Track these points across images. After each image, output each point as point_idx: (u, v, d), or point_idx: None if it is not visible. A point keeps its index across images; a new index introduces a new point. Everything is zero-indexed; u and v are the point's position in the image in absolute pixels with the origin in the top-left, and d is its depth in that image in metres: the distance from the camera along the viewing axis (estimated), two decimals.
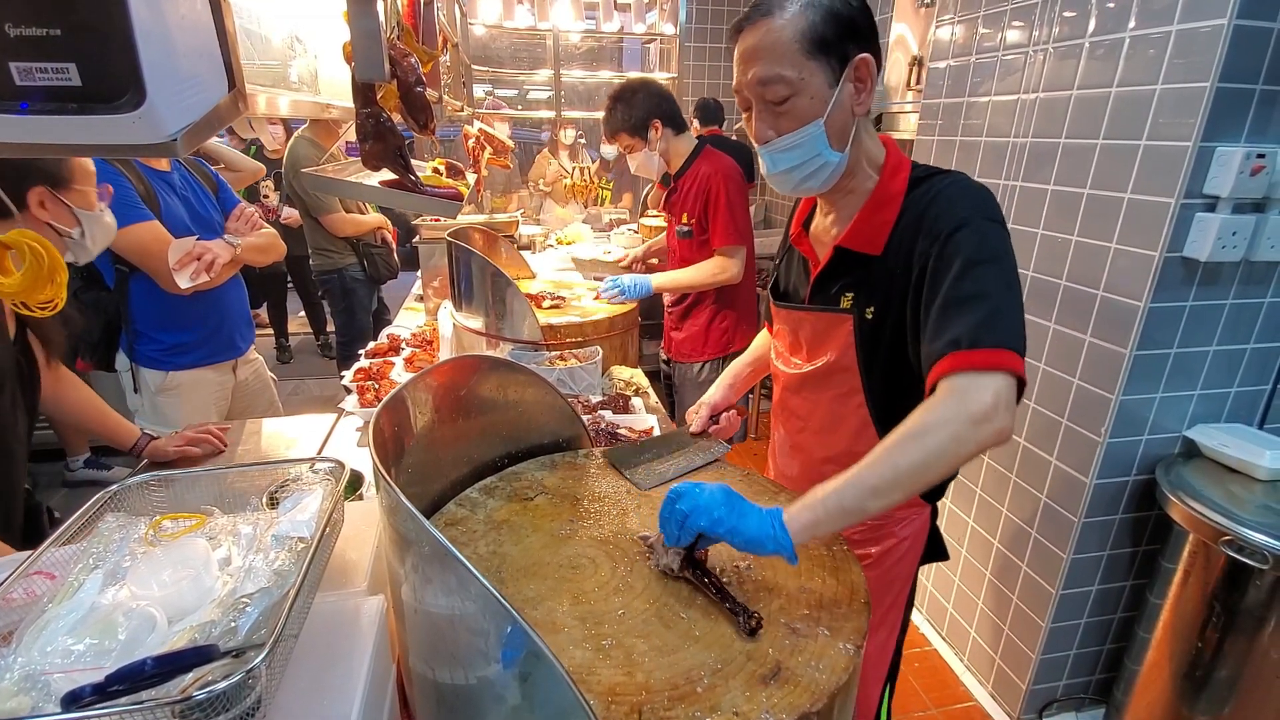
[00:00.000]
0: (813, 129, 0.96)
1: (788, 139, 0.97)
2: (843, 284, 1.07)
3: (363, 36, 0.95)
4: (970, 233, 0.90)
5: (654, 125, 2.28)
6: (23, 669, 0.58)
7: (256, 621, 0.63)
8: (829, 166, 0.99)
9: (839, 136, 0.98)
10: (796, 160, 0.99)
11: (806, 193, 1.07)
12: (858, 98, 0.97)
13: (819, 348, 1.13)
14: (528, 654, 0.60)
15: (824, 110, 0.95)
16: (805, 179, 1.01)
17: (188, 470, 0.95)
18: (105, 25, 0.57)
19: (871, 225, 1.02)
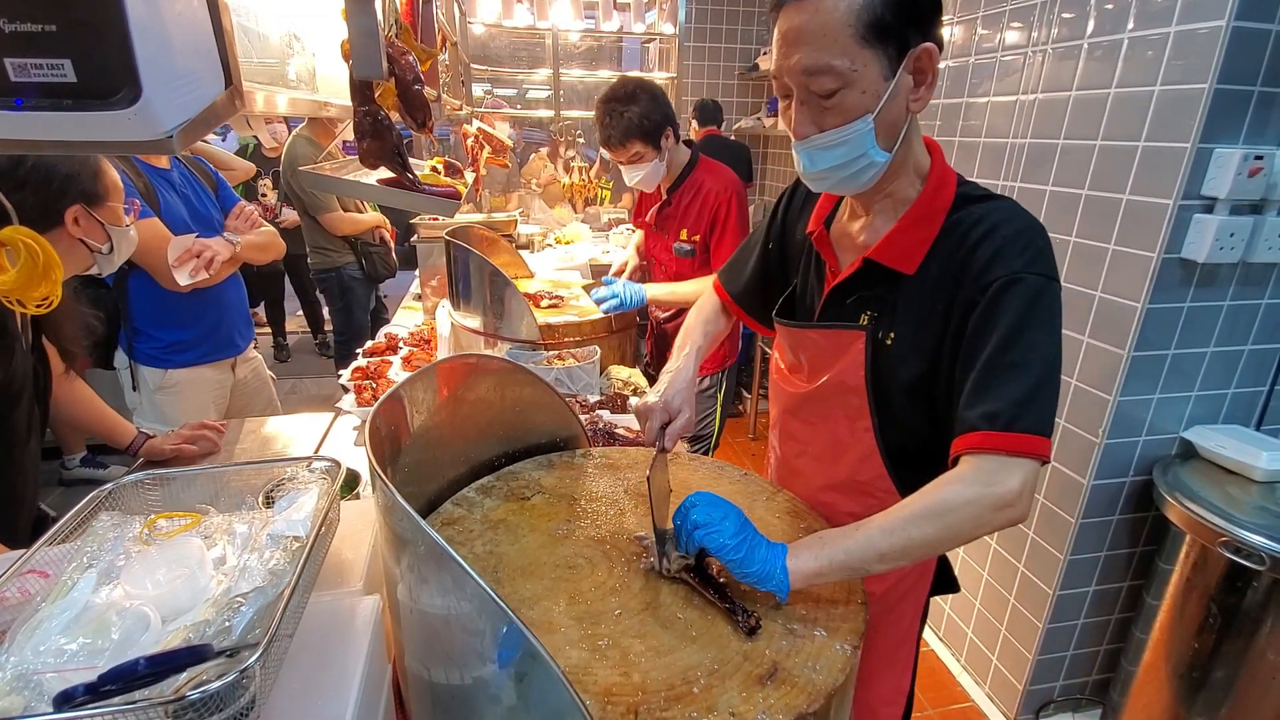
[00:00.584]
0: (861, 126, 0.84)
1: (832, 135, 0.86)
2: (862, 298, 0.98)
3: (361, 34, 0.95)
4: (1023, 291, 0.82)
5: (667, 133, 2.06)
6: (15, 668, 0.58)
7: (251, 621, 0.62)
8: (874, 167, 0.88)
9: (889, 135, 0.87)
10: (839, 160, 0.87)
11: (843, 192, 0.97)
12: (915, 92, 0.85)
13: (824, 365, 1.03)
14: (524, 654, 0.60)
15: (876, 105, 0.83)
16: (846, 180, 0.90)
17: (183, 469, 0.95)
18: (101, 21, 0.57)
19: (909, 240, 0.92)
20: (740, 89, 4.72)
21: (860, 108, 0.83)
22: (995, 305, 0.83)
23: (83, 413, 1.49)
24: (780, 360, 1.15)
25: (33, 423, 1.23)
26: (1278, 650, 1.46)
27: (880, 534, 0.79)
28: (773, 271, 1.18)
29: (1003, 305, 0.82)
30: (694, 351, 1.19)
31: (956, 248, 0.88)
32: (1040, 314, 0.82)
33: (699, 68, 4.60)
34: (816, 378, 1.05)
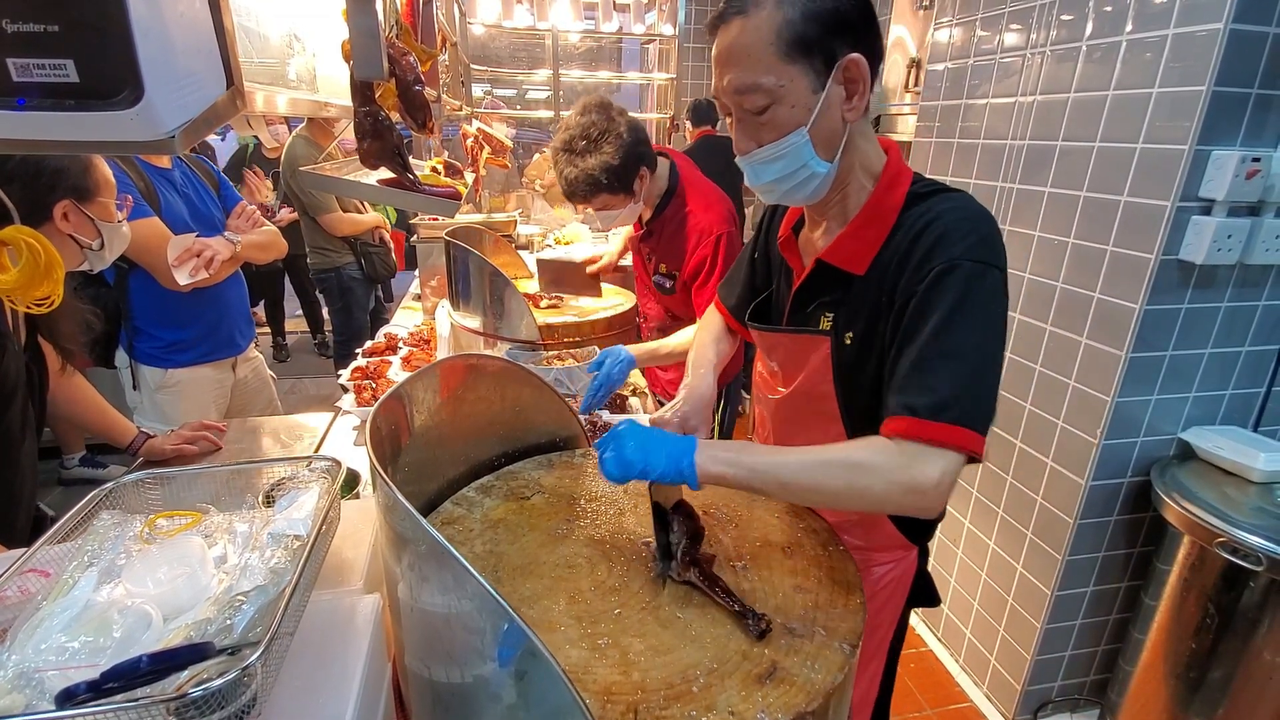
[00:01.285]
0: (795, 139, 0.86)
1: (769, 150, 0.88)
2: (822, 302, 1.00)
3: (361, 35, 0.95)
4: (960, 278, 0.82)
5: (641, 175, 1.75)
6: (16, 666, 0.58)
7: (252, 619, 0.63)
8: (816, 178, 0.91)
9: (827, 145, 0.89)
10: (780, 172, 0.90)
11: (793, 203, 1.01)
12: (848, 103, 0.87)
13: (795, 370, 1.06)
14: (524, 652, 0.61)
15: (808, 118, 0.85)
16: (791, 190, 0.93)
17: (184, 468, 0.95)
18: (103, 22, 0.57)
19: (858, 241, 0.94)
20: None
21: (792, 122, 0.86)
22: (931, 292, 0.83)
23: (82, 411, 1.50)
24: (760, 366, 1.16)
25: (28, 422, 1.23)
26: (1275, 650, 1.47)
27: (792, 465, 0.81)
28: (759, 280, 1.20)
29: (938, 292, 0.82)
30: (709, 370, 1.19)
31: (905, 242, 0.89)
32: (977, 301, 0.81)
33: (699, 68, 4.61)
34: (790, 381, 1.06)
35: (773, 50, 0.81)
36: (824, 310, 0.99)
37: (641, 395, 1.95)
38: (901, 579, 1.11)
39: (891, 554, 1.11)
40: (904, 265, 0.88)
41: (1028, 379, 1.94)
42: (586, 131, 1.69)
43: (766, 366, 1.13)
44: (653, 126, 4.27)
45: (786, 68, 0.82)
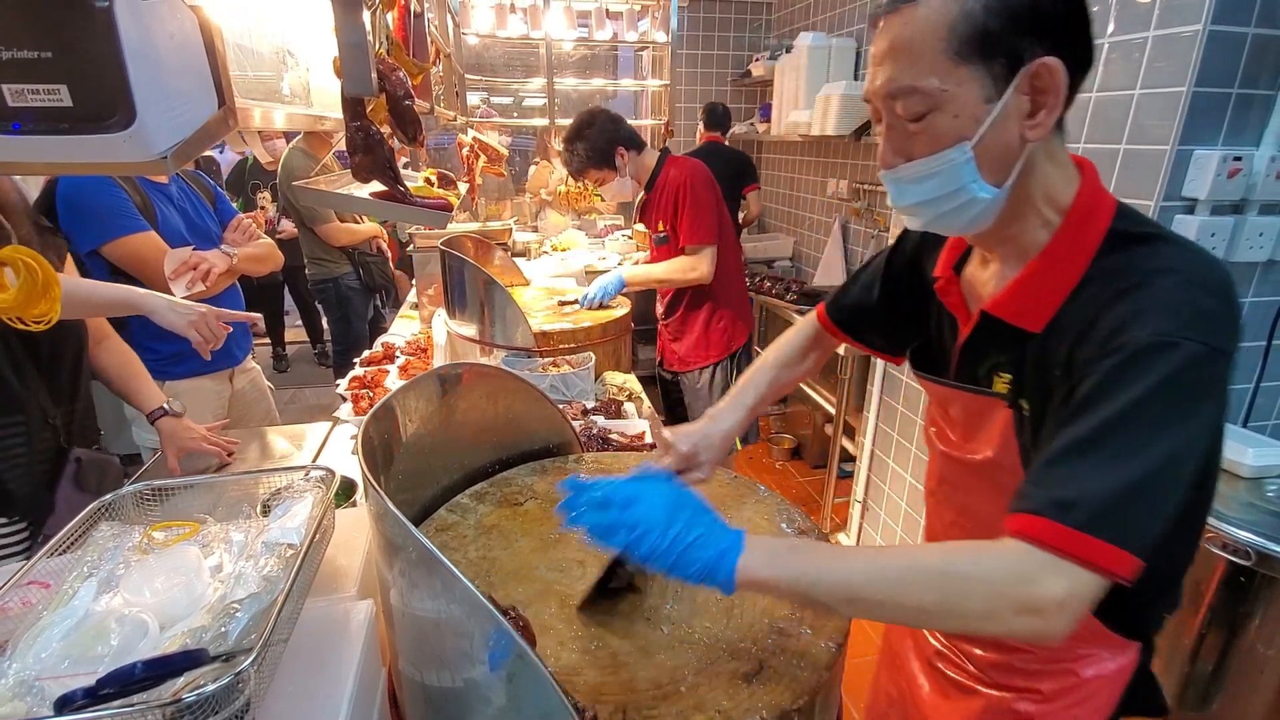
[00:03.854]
0: (954, 155, 0.70)
1: (919, 165, 0.72)
2: (995, 361, 0.81)
3: (350, 51, 0.97)
4: (1171, 359, 0.61)
5: (619, 152, 2.28)
6: (17, 675, 0.59)
7: (246, 627, 0.64)
8: (977, 205, 0.73)
9: (996, 166, 0.71)
10: (930, 194, 0.74)
11: (946, 232, 0.83)
12: (1031, 119, 0.69)
13: (974, 435, 0.87)
14: (513, 656, 0.62)
15: (973, 131, 0.69)
16: (943, 217, 0.76)
17: (182, 479, 0.97)
18: (95, 48, 0.59)
19: (1036, 291, 0.75)
20: (733, 95, 4.75)
21: (952, 133, 0.70)
22: (1125, 368, 0.63)
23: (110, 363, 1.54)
24: (935, 413, 0.97)
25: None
26: (1267, 644, 1.47)
27: (864, 574, 0.64)
28: (900, 295, 1.00)
29: (1135, 369, 0.63)
30: (746, 403, 1.06)
31: (1094, 300, 0.69)
32: (1184, 393, 0.61)
33: (692, 75, 4.63)
34: (969, 443, 0.88)
35: (942, 47, 0.67)
36: (998, 370, 0.80)
37: (637, 400, 1.96)
38: (1112, 680, 0.86)
39: (1097, 647, 0.86)
40: (1091, 330, 0.68)
41: None
42: (576, 128, 2.30)
43: (943, 417, 0.94)
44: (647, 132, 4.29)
45: (955, 69, 0.67)
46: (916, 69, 0.69)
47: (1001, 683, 0.91)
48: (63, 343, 1.30)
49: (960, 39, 0.66)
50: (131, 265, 1.75)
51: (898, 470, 2.55)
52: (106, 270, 1.79)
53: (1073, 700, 0.87)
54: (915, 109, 0.70)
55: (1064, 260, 0.74)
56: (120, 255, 1.73)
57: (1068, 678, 0.87)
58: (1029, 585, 0.60)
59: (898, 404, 2.52)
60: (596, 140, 2.26)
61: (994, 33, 0.66)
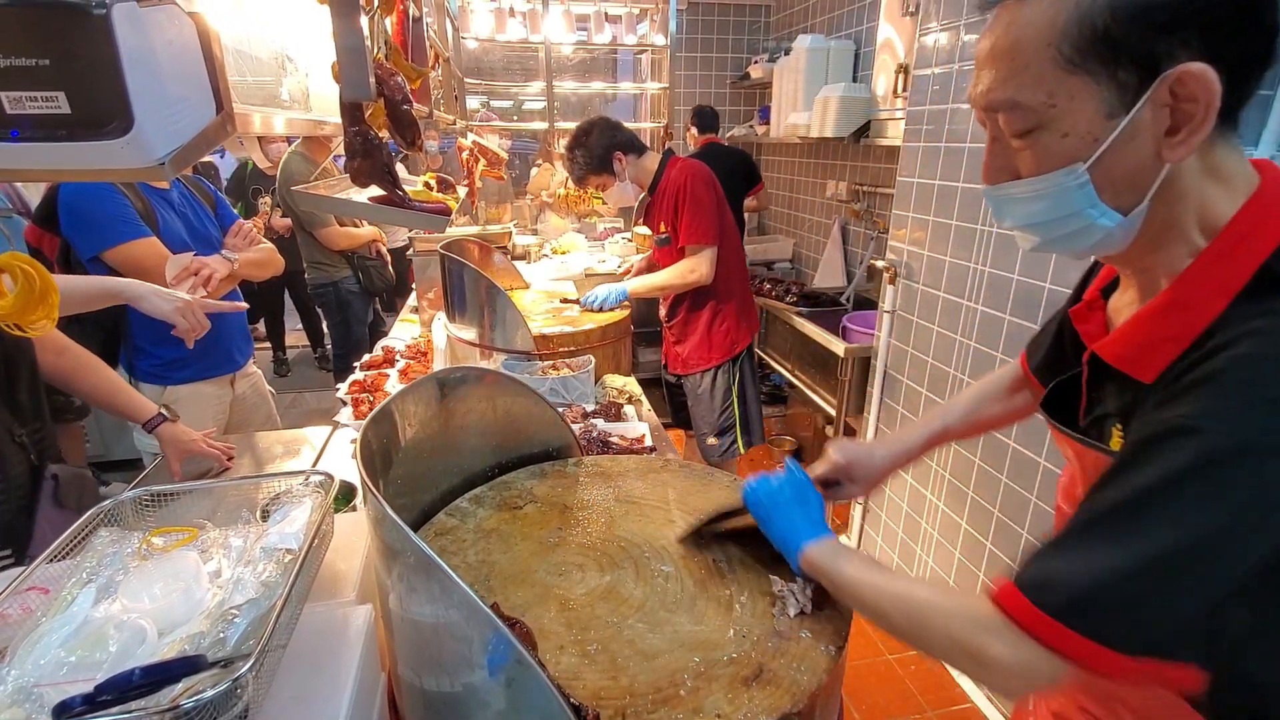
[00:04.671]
0: (1064, 179, 0.59)
1: (1023, 186, 0.63)
2: (1110, 412, 0.69)
3: (348, 56, 0.97)
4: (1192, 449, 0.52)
5: (617, 158, 2.33)
6: (16, 682, 0.59)
7: (245, 632, 0.64)
8: (1097, 232, 0.61)
9: (1122, 190, 0.59)
10: (1039, 217, 0.63)
11: (1068, 255, 0.75)
12: (1172, 135, 0.56)
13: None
14: (512, 660, 0.62)
15: (1089, 152, 0.58)
16: (1057, 241, 0.65)
17: (181, 485, 0.97)
18: (93, 55, 0.59)
19: (1153, 333, 0.62)
20: (732, 98, 4.76)
21: (1063, 155, 0.59)
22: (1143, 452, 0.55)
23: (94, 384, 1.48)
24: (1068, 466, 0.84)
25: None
26: None
27: (870, 586, 0.73)
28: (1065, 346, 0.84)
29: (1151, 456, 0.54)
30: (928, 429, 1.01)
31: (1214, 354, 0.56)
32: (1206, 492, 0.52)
33: (691, 78, 4.64)
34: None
35: (1051, 54, 0.56)
36: (1113, 421, 0.68)
37: (637, 403, 1.96)
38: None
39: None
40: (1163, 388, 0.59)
41: None
42: (575, 137, 2.36)
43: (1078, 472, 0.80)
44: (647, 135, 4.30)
45: (1067, 80, 0.56)
46: (1019, 80, 0.58)
47: None
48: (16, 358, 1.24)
49: (1073, 44, 0.55)
50: (133, 271, 1.76)
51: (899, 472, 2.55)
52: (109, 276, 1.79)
53: None
54: (1018, 125, 0.60)
55: (1194, 299, 0.59)
56: (122, 261, 1.74)
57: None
58: (980, 637, 0.60)
59: (898, 405, 2.52)
60: (594, 147, 2.30)
61: (1118, 36, 0.54)
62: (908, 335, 2.42)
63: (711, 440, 2.60)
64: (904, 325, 2.44)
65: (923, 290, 2.33)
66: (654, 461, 1.24)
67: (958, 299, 2.16)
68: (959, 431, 1.02)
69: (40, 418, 1.30)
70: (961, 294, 2.14)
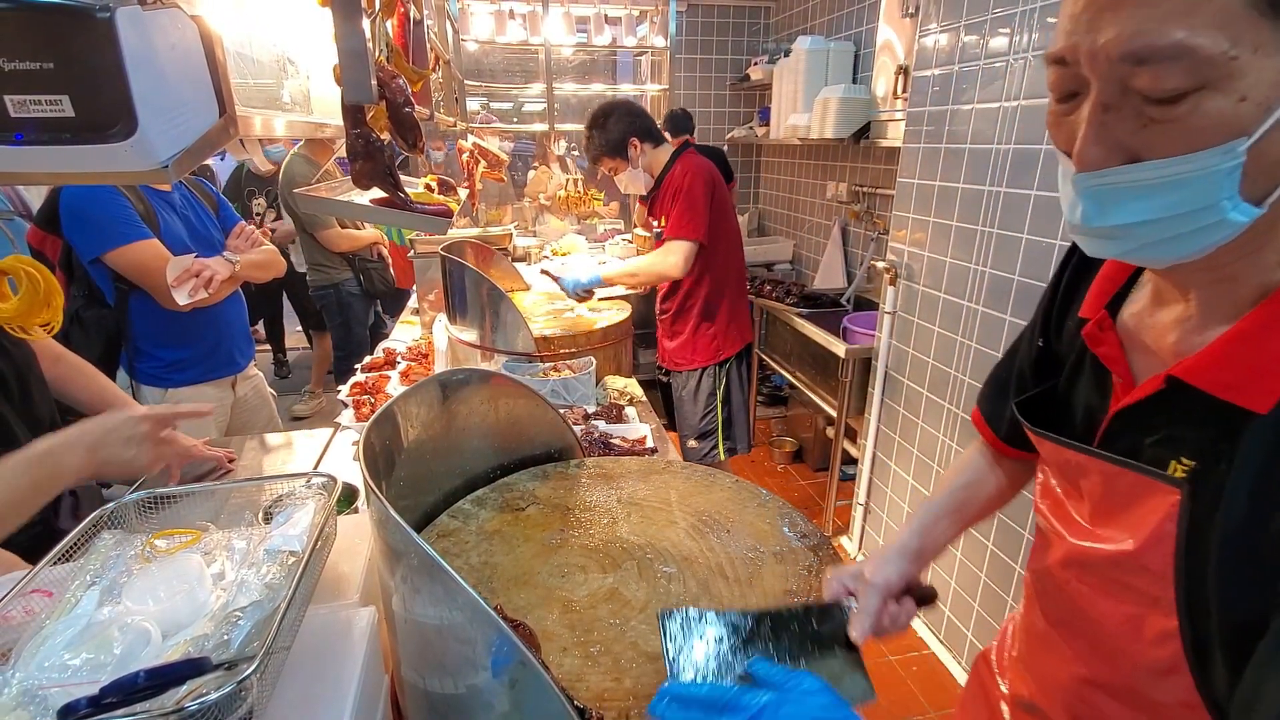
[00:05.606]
0: (1218, 158, 0.46)
1: (1154, 169, 0.48)
2: (1173, 436, 0.59)
3: (350, 59, 0.98)
4: None
5: (632, 144, 2.36)
6: (20, 684, 0.59)
7: (249, 634, 0.64)
8: (1224, 229, 0.49)
9: (1264, 176, 0.47)
10: (1159, 212, 0.49)
11: (1149, 263, 0.59)
12: None
13: (1112, 519, 0.65)
14: (516, 662, 0.62)
15: (1258, 124, 0.45)
16: (1161, 245, 0.52)
17: (184, 487, 0.97)
18: (97, 58, 0.60)
19: (1260, 353, 0.53)
20: (732, 99, 4.77)
21: (1229, 126, 0.45)
22: None
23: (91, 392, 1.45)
24: (1050, 478, 0.75)
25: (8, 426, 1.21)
26: None
27: None
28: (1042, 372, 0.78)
29: None
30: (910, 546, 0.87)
31: None
32: None
33: (690, 79, 4.64)
34: (1103, 531, 0.66)
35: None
36: (1179, 451, 0.58)
37: (638, 404, 1.97)
38: None
39: None
40: None
41: None
42: (595, 117, 2.40)
43: (1067, 489, 0.72)
44: None
45: (1258, 23, 0.43)
46: (1193, 19, 0.43)
47: None
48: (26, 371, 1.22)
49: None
50: (134, 273, 1.77)
51: (899, 473, 2.55)
52: (110, 277, 1.80)
53: None
54: (1175, 81, 0.45)
55: None
56: (123, 263, 1.74)
57: None
58: None
59: (899, 407, 2.52)
60: (612, 130, 2.34)
61: None
62: (908, 336, 2.42)
63: (692, 443, 2.59)
64: (905, 326, 2.44)
65: (923, 291, 2.33)
66: (656, 463, 1.24)
67: (958, 300, 2.16)
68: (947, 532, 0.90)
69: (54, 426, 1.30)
70: (962, 295, 2.14)
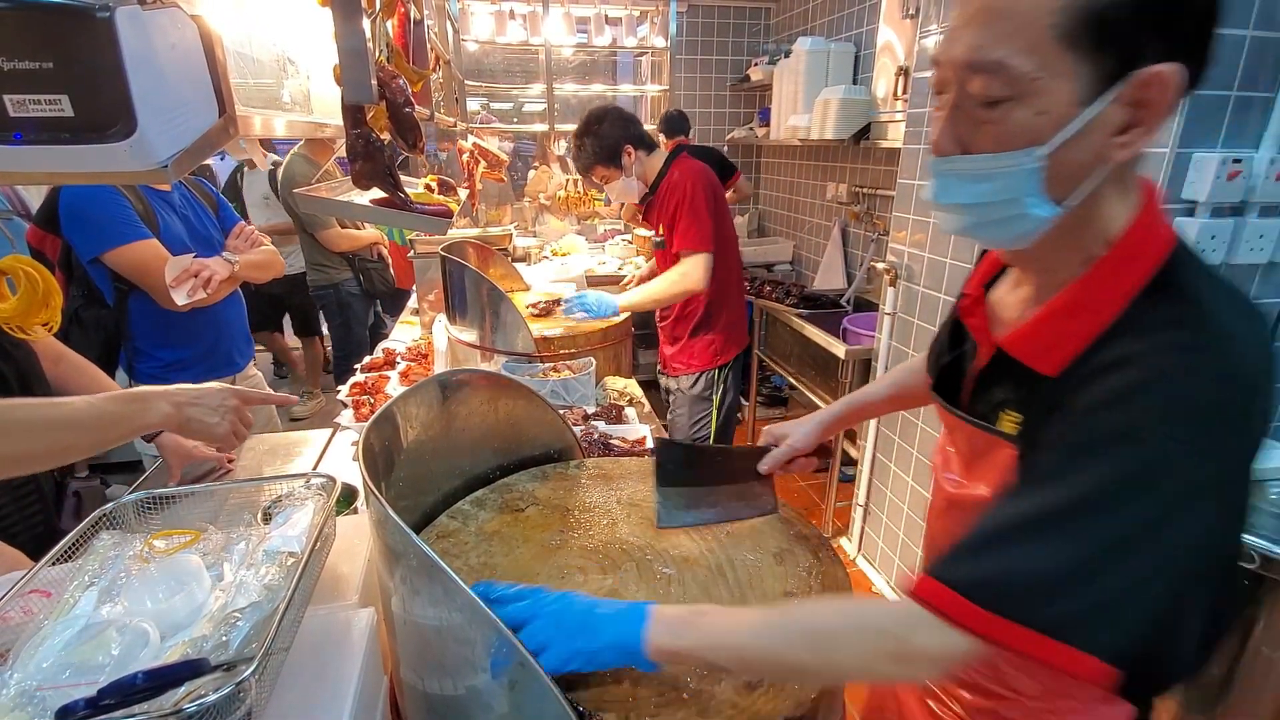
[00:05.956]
0: (1022, 159, 0.59)
1: (978, 161, 0.61)
2: (1006, 398, 0.72)
3: (350, 59, 0.98)
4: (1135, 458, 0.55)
5: (627, 151, 2.26)
6: (18, 685, 0.59)
7: (247, 636, 0.64)
8: (1028, 222, 0.62)
9: (1063, 182, 0.60)
10: (980, 197, 0.62)
11: (982, 242, 0.72)
12: (1123, 135, 0.58)
13: (974, 470, 0.79)
14: (515, 663, 0.62)
15: (1051, 136, 0.57)
16: (984, 226, 0.65)
17: (183, 488, 0.97)
18: (97, 58, 0.60)
19: (1057, 331, 0.65)
20: (732, 100, 4.77)
21: (1029, 134, 0.58)
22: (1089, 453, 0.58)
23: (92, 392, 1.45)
24: (943, 441, 0.89)
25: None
26: (1272, 646, 1.47)
27: (751, 637, 0.65)
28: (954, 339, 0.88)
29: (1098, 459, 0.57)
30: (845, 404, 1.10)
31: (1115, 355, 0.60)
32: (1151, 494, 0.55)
33: (690, 80, 4.64)
34: (970, 476, 0.80)
35: (1050, 23, 0.55)
36: (1008, 407, 0.71)
37: (638, 405, 1.96)
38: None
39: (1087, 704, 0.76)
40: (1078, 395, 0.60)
41: None
42: (586, 123, 2.25)
43: (947, 445, 0.88)
44: None
45: (1058, 55, 0.55)
46: (1013, 42, 0.56)
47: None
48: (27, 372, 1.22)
49: (1075, 19, 0.54)
50: (133, 273, 1.76)
51: (899, 474, 2.55)
52: (109, 277, 1.79)
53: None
54: (995, 90, 0.58)
55: (1094, 301, 0.63)
56: (122, 263, 1.74)
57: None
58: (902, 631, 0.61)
59: None
60: (605, 138, 2.22)
61: (1116, 20, 0.54)
62: (908, 337, 2.42)
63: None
64: (904, 327, 2.44)
65: (923, 292, 2.33)
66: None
67: None
68: (881, 406, 1.11)
69: None
70: None
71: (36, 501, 1.24)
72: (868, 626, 0.63)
